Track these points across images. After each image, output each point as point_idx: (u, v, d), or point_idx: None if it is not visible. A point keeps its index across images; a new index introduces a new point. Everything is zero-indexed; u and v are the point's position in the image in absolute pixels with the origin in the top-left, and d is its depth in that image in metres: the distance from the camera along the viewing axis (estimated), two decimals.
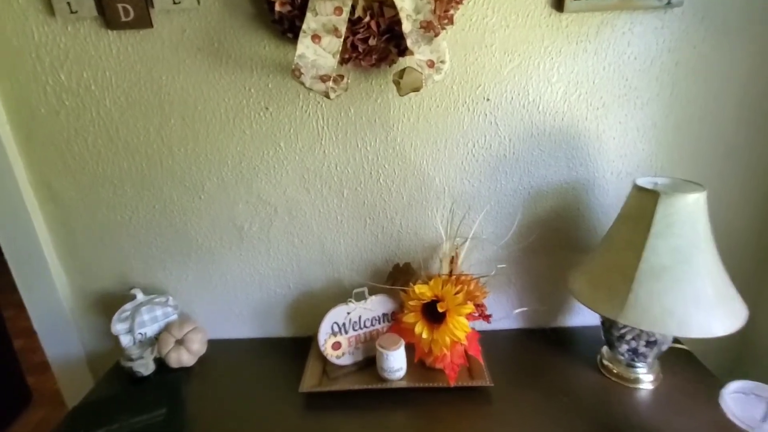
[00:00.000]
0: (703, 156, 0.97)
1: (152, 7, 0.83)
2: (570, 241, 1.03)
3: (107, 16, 0.83)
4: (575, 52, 0.89)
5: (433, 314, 0.91)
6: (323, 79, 0.77)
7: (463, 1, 0.80)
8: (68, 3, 0.82)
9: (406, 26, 0.77)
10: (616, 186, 0.99)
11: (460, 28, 0.86)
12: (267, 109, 0.92)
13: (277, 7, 0.77)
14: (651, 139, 0.96)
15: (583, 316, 1.10)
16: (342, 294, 1.07)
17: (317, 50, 0.76)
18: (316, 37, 0.76)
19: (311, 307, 1.10)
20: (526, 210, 1.01)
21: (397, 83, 0.83)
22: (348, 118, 0.93)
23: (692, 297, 0.76)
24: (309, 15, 0.76)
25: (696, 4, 0.86)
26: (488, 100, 0.92)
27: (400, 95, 0.84)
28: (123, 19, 0.84)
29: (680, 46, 0.89)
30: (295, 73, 0.76)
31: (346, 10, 0.76)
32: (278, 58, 0.88)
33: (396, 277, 1.00)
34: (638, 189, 0.81)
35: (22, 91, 0.90)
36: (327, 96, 0.78)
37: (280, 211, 1.00)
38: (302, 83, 0.77)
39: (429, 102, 0.92)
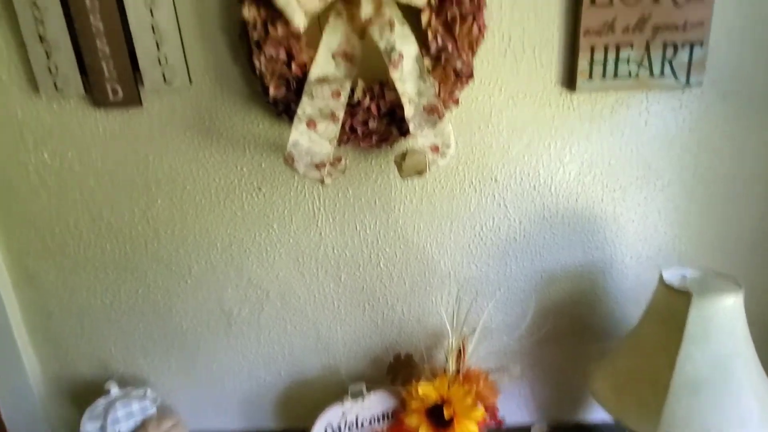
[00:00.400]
0: (732, 241, 0.89)
1: (142, 85, 0.79)
2: (588, 329, 0.94)
3: (95, 94, 0.79)
4: (589, 132, 0.83)
5: (438, 417, 0.82)
6: (318, 166, 0.71)
7: (470, 83, 0.76)
8: (54, 82, 0.79)
9: (409, 110, 0.72)
10: (636, 271, 0.91)
11: (465, 107, 0.81)
12: (260, 189, 0.86)
13: (272, 92, 0.72)
14: (673, 223, 0.89)
15: (603, 413, 0.99)
16: (338, 383, 0.98)
17: (312, 136, 0.71)
18: (311, 123, 0.71)
19: (304, 396, 1.00)
20: (539, 296, 0.92)
21: (399, 165, 0.77)
22: (346, 199, 0.87)
23: (737, 417, 0.66)
24: (305, 99, 0.71)
25: (717, 83, 0.81)
26: (496, 180, 0.86)
27: (403, 178, 0.78)
28: (111, 98, 0.80)
29: (702, 126, 0.83)
30: (288, 161, 0.71)
31: (345, 93, 0.72)
32: (273, 137, 0.83)
33: (397, 369, 0.91)
34: (666, 287, 0.73)
35: (3, 170, 0.85)
36: (322, 183, 0.73)
37: (272, 295, 0.93)
38: (296, 170, 0.71)
39: (433, 183, 0.86)
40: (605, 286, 0.92)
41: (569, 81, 0.80)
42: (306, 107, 0.71)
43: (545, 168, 0.85)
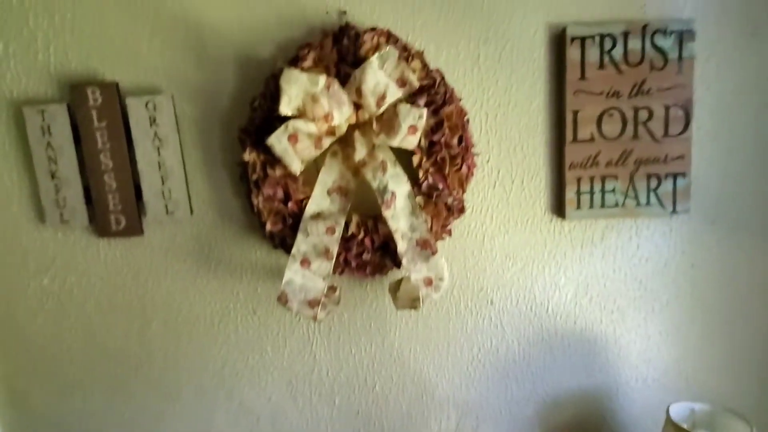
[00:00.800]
0: (738, 362, 0.86)
1: (144, 215, 0.82)
2: None
3: (98, 224, 0.82)
4: (581, 256, 0.84)
5: None
6: (311, 304, 0.71)
7: (461, 216, 0.78)
8: (60, 213, 0.82)
9: (401, 246, 0.73)
10: (642, 393, 0.87)
11: (458, 235, 0.83)
12: (254, 312, 0.86)
13: (269, 227, 0.75)
14: (677, 344, 0.87)
15: None
16: None
17: (306, 274, 0.72)
18: (305, 262, 0.72)
19: None
20: (543, 421, 0.88)
21: (393, 295, 0.77)
22: (341, 322, 0.86)
23: None
24: (300, 237, 0.73)
25: (704, 210, 0.83)
26: (492, 303, 0.85)
27: (397, 309, 0.78)
28: (114, 227, 0.82)
29: (693, 249, 0.84)
30: (282, 300, 0.71)
31: (339, 229, 0.74)
32: (269, 264, 0.84)
33: None
34: (674, 426, 0.70)
35: (2, 293, 0.86)
36: (315, 320, 0.73)
37: (263, 420, 0.89)
38: (289, 309, 0.71)
39: (429, 305, 0.85)
40: (612, 410, 0.88)
41: (558, 209, 0.82)
42: (301, 245, 0.72)
43: (541, 290, 0.85)
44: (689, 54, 0.77)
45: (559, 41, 0.78)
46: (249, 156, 0.73)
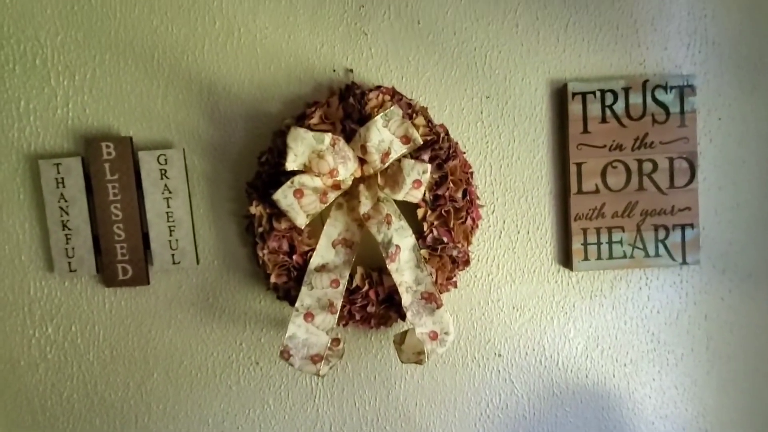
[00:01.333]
0: (758, 416, 0.83)
1: (151, 265, 0.83)
2: None
3: (105, 274, 0.83)
4: (591, 307, 0.83)
5: None
6: (314, 359, 0.70)
7: (467, 268, 0.78)
8: (69, 262, 0.83)
9: (406, 299, 0.73)
10: None
11: (464, 285, 0.82)
12: (257, 363, 0.84)
13: (273, 279, 0.75)
14: (694, 398, 0.83)
15: None
16: None
17: (309, 328, 0.71)
18: (309, 316, 0.72)
19: None
20: None
21: (398, 347, 0.76)
22: (345, 374, 0.84)
23: None
24: (304, 289, 0.73)
25: (714, 260, 0.81)
26: (500, 355, 0.83)
27: (402, 362, 0.76)
28: (120, 277, 0.83)
29: (706, 299, 0.82)
30: (284, 355, 0.70)
31: (343, 282, 0.74)
32: (273, 314, 0.83)
33: None
34: None
35: (6, 342, 0.86)
36: (318, 375, 0.71)
37: None
38: (291, 365, 0.70)
39: (434, 357, 0.84)
40: None
41: (565, 260, 0.82)
42: (305, 298, 0.72)
43: (550, 342, 0.83)
44: (691, 108, 0.78)
45: (560, 96, 0.80)
46: (255, 209, 0.74)
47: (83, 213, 0.81)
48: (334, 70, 0.79)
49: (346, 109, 0.73)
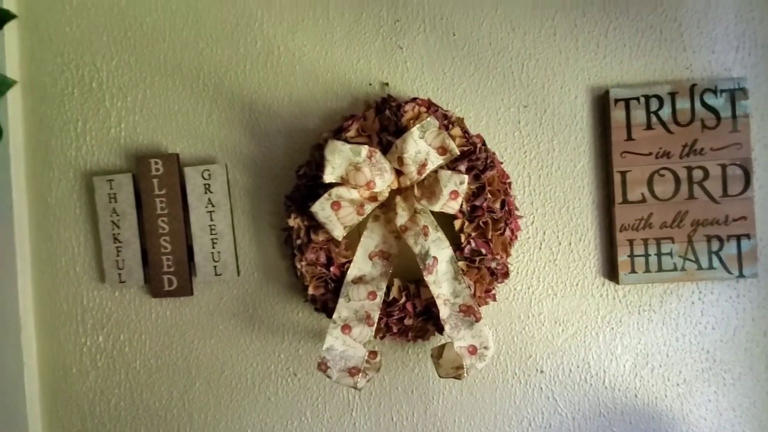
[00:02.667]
0: None
1: (195, 276, 0.86)
2: None
3: (152, 285, 0.86)
4: (639, 323, 0.79)
5: None
6: (351, 372, 0.70)
7: (506, 280, 0.76)
8: (119, 273, 0.87)
9: (444, 311, 0.72)
10: None
11: (503, 298, 0.80)
12: (295, 375, 0.85)
13: (311, 291, 0.75)
14: (753, 421, 0.77)
15: None
16: None
17: (347, 341, 0.71)
18: (346, 328, 0.72)
19: None
20: None
21: (435, 361, 0.75)
22: (382, 387, 0.83)
23: None
24: (341, 301, 0.73)
25: None
26: (542, 372, 0.80)
27: (440, 376, 0.75)
28: (166, 288, 0.86)
29: (765, 315, 0.77)
30: (322, 367, 0.70)
31: (380, 294, 0.73)
32: (311, 325, 0.84)
33: None
34: None
35: (60, 350, 0.90)
36: (355, 388, 0.71)
37: None
38: (329, 377, 0.70)
39: (473, 372, 0.82)
40: None
41: (611, 273, 0.78)
42: (342, 310, 0.72)
43: (596, 360, 0.80)
44: (743, 112, 0.74)
45: (602, 103, 0.78)
46: (294, 221, 0.75)
47: (133, 226, 0.85)
48: (370, 84, 0.81)
49: (383, 121, 0.74)
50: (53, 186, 0.88)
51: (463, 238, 0.73)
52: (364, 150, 0.69)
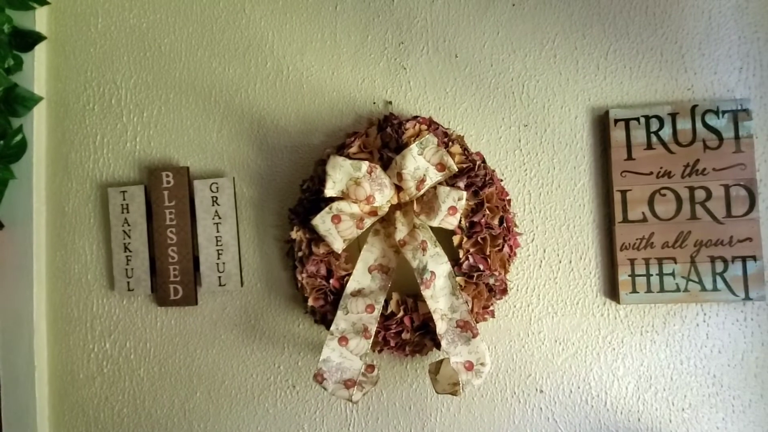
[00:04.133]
0: None
1: (200, 286, 0.88)
2: None
3: (159, 293, 0.88)
4: (641, 344, 0.77)
5: None
6: (348, 384, 0.70)
7: (504, 297, 0.76)
8: (128, 281, 0.90)
9: (441, 326, 0.72)
10: None
11: (503, 315, 0.80)
12: (294, 387, 0.86)
13: (311, 303, 0.77)
14: None
15: None
16: None
17: (343, 353, 0.72)
18: (343, 340, 0.72)
19: None
20: None
21: (432, 377, 0.74)
22: (380, 402, 0.83)
23: None
24: (339, 313, 0.74)
25: None
26: (542, 391, 0.79)
27: (437, 392, 0.74)
28: (172, 297, 0.88)
29: None
30: (318, 378, 0.71)
31: (378, 307, 0.74)
32: (311, 337, 0.85)
33: None
34: None
35: (69, 356, 0.93)
36: (350, 401, 0.71)
37: None
38: (325, 389, 0.71)
39: (472, 390, 0.81)
40: None
41: (612, 292, 0.78)
42: (340, 322, 0.73)
43: (597, 380, 0.78)
44: (747, 132, 0.74)
45: (602, 123, 0.78)
46: (296, 234, 0.77)
47: (143, 236, 0.88)
48: (374, 103, 0.83)
49: (384, 138, 0.76)
50: (71, 196, 0.92)
51: (461, 253, 0.73)
52: (365, 165, 0.71)
